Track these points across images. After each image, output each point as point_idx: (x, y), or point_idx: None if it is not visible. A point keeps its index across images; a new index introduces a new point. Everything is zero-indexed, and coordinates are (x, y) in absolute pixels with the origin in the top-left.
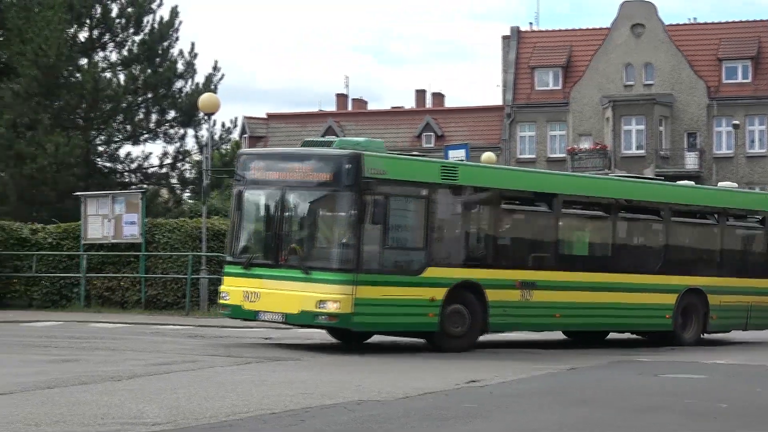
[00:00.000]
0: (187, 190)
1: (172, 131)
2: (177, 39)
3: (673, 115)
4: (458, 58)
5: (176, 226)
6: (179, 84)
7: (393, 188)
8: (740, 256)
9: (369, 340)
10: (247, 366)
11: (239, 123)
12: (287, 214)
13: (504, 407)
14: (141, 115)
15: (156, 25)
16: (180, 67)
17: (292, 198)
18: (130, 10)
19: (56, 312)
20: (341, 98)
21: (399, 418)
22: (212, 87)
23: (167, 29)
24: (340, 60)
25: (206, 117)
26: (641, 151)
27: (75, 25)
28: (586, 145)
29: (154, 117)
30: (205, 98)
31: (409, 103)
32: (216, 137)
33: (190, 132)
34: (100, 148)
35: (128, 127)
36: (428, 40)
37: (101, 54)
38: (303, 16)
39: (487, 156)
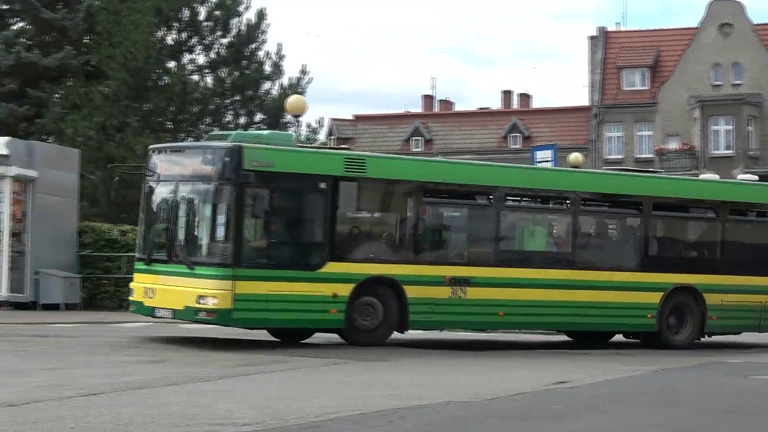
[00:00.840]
0: None
1: None
2: (264, 41)
3: (762, 115)
4: (544, 59)
5: None
6: (266, 86)
7: (283, 181)
8: (749, 252)
9: (308, 340)
10: (336, 367)
11: (326, 125)
12: (178, 209)
13: (593, 408)
14: (229, 118)
15: (243, 28)
16: (267, 69)
17: (181, 193)
18: (217, 13)
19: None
20: (428, 99)
21: (486, 419)
22: (300, 89)
23: (254, 32)
24: (427, 61)
25: (293, 119)
26: (730, 152)
27: (163, 29)
28: (674, 145)
29: (241, 119)
30: (292, 100)
31: (496, 104)
32: (303, 139)
33: None
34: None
35: (216, 130)
36: (514, 41)
37: (189, 57)
38: (389, 17)
39: (574, 157)
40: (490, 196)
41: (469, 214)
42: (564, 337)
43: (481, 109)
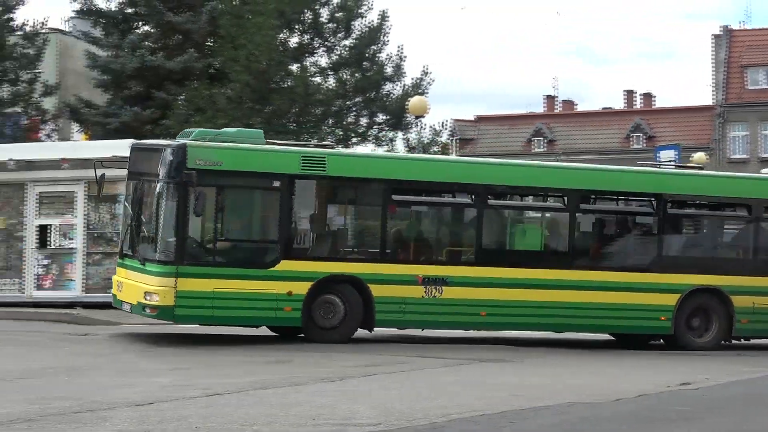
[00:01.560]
0: None
1: (381, 134)
2: (386, 43)
3: None
4: (667, 58)
5: None
6: (388, 87)
7: (233, 179)
8: None
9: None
10: (457, 367)
11: (448, 125)
12: (137, 205)
13: (717, 410)
14: (351, 119)
15: (365, 30)
16: (389, 70)
17: (139, 190)
18: (339, 15)
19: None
20: (550, 100)
21: (610, 420)
22: (421, 90)
23: (376, 33)
24: (548, 61)
25: (416, 120)
26: None
27: (286, 31)
28: None
29: (363, 120)
30: (414, 101)
31: (619, 104)
32: (425, 140)
33: (400, 135)
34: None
35: (338, 131)
36: (637, 40)
37: (311, 59)
38: (509, 17)
39: (698, 156)
40: (466, 193)
41: (442, 212)
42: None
43: (603, 109)
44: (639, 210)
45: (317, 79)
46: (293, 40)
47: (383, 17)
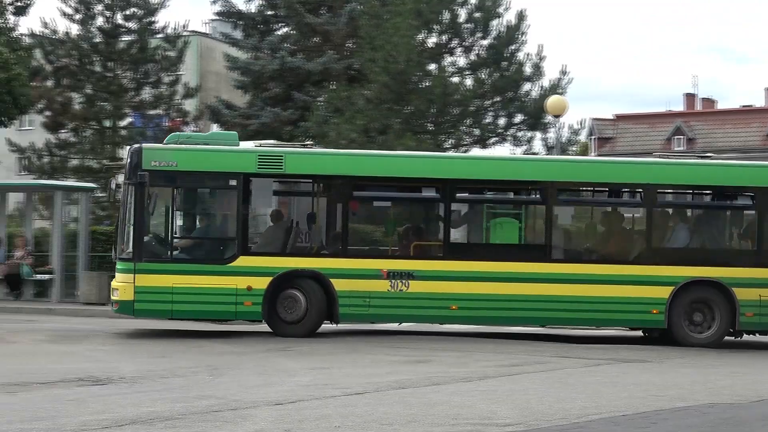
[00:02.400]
0: None
1: (519, 134)
2: (524, 42)
3: None
4: None
5: None
6: (526, 87)
7: (188, 179)
8: None
9: (319, 330)
10: (597, 368)
11: (587, 125)
12: (118, 208)
13: None
14: (489, 119)
15: (503, 29)
16: (527, 70)
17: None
18: (477, 15)
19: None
20: (689, 98)
21: (753, 422)
22: (560, 90)
23: (514, 33)
24: (687, 59)
25: (554, 119)
26: None
27: (424, 31)
28: None
29: (501, 120)
30: (553, 101)
31: (759, 102)
32: (563, 140)
33: (538, 135)
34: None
35: (476, 131)
36: None
37: (449, 59)
38: (648, 15)
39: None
40: (433, 188)
41: (408, 207)
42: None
43: (744, 107)
44: (626, 201)
45: (455, 79)
46: (431, 41)
47: (521, 17)
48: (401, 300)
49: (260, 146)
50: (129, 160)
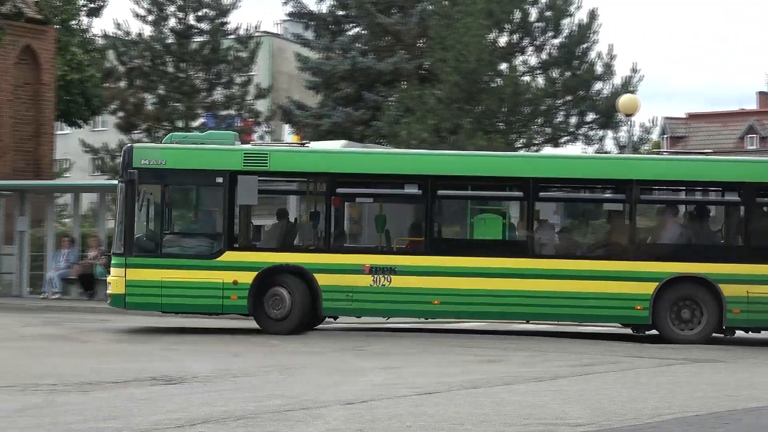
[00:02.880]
0: None
1: (591, 133)
2: (596, 41)
3: None
4: None
5: None
6: (598, 86)
7: (176, 177)
8: None
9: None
10: (669, 368)
11: (659, 123)
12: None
13: None
14: (560, 118)
15: (574, 28)
16: (599, 69)
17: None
18: (548, 13)
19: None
20: (763, 96)
21: None
22: (631, 88)
23: (585, 32)
24: (761, 57)
25: (626, 118)
26: None
27: (494, 31)
28: None
29: (573, 119)
30: (624, 99)
31: None
32: (635, 138)
33: (609, 134)
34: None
35: (548, 130)
36: None
37: (520, 58)
38: (719, 13)
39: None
40: (414, 185)
41: (389, 203)
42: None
43: None
44: (610, 196)
45: (526, 79)
46: (502, 40)
47: (593, 16)
48: (383, 295)
49: (329, 145)
50: (121, 159)
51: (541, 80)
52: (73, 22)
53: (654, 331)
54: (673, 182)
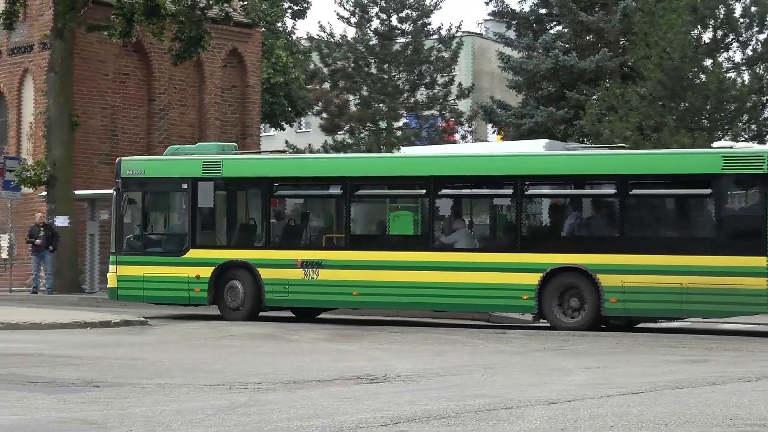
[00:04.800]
0: None
1: None
2: None
3: None
4: None
5: None
6: None
7: (153, 185)
8: (661, 229)
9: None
10: None
11: None
12: None
13: None
14: (766, 115)
15: None
16: None
17: None
18: (753, 9)
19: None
20: None
21: None
22: None
23: None
24: None
25: None
26: None
27: (699, 27)
28: None
29: None
30: None
31: None
32: None
33: None
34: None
35: (753, 127)
36: None
37: (725, 54)
38: None
39: None
40: (335, 186)
41: (316, 203)
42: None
43: None
44: (499, 193)
45: (731, 75)
46: (706, 36)
47: None
48: (313, 287)
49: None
50: (115, 170)
51: (746, 77)
52: (278, 25)
53: None
54: (556, 177)
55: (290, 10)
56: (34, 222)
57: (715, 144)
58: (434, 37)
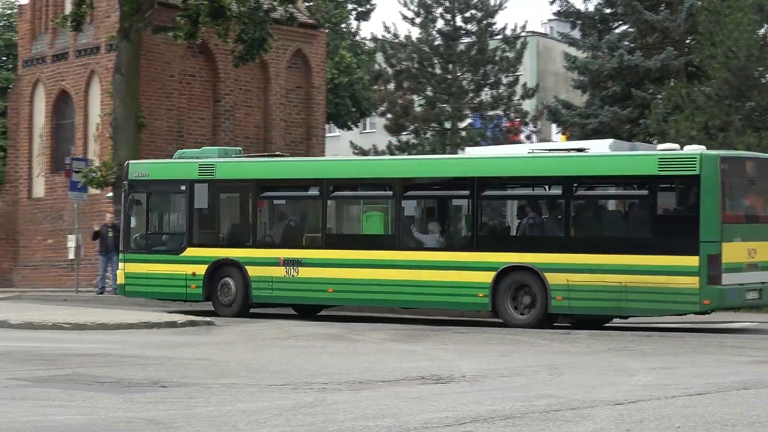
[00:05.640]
0: None
1: None
2: None
3: None
4: None
5: None
6: None
7: (156, 186)
8: (605, 229)
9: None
10: None
11: None
12: None
13: None
14: None
15: None
16: None
17: None
18: None
19: (753, 313)
20: None
21: None
22: None
23: None
24: None
25: None
26: None
27: (765, 25)
28: None
29: None
30: None
31: None
32: None
33: None
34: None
35: None
36: None
37: None
38: None
39: None
40: (313, 187)
41: (297, 204)
42: None
43: None
44: (456, 194)
45: None
46: None
47: None
48: (293, 284)
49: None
50: (125, 173)
51: None
52: (343, 26)
53: None
54: (508, 179)
55: (354, 12)
56: (104, 222)
57: (659, 146)
58: (499, 37)
